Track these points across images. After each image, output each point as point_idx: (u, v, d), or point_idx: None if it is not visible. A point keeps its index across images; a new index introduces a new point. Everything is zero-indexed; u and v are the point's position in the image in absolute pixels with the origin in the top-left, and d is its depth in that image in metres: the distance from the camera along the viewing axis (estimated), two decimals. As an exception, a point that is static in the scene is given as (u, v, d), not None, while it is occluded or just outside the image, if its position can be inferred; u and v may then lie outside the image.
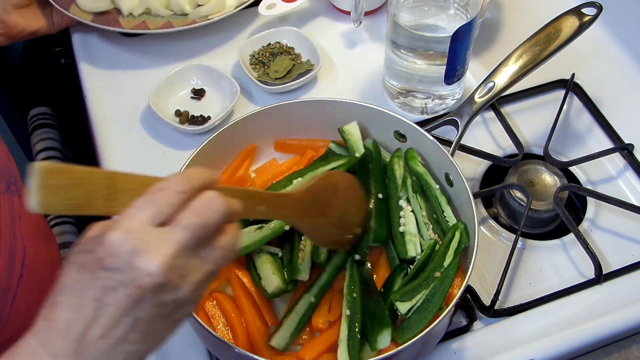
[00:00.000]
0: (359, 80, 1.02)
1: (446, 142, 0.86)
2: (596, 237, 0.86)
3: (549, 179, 0.88)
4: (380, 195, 0.79)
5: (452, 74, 0.90)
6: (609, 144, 0.95)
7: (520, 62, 0.88)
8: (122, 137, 0.96)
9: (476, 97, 0.87)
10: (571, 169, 0.92)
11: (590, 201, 0.88)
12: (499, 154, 0.93)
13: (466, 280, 0.67)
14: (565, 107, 0.97)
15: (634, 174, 0.91)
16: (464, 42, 0.86)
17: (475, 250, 0.70)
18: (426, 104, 0.95)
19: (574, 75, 1.00)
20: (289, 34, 1.04)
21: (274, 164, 0.87)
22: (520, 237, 0.83)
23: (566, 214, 0.83)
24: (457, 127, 0.86)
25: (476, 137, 0.95)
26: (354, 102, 0.83)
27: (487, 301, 0.78)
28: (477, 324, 0.78)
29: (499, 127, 0.95)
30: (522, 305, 0.79)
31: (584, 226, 0.87)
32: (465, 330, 0.77)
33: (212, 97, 1.00)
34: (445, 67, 0.88)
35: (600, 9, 0.90)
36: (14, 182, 0.79)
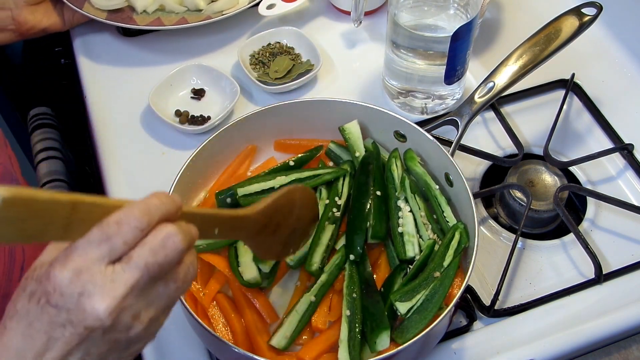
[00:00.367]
0: (359, 80, 1.02)
1: (446, 142, 0.86)
2: (596, 237, 0.86)
3: (549, 179, 0.88)
4: (378, 192, 0.79)
5: (452, 74, 0.90)
6: (609, 144, 0.95)
7: (520, 62, 0.88)
8: (122, 137, 0.96)
9: (476, 97, 0.88)
10: (571, 169, 0.92)
11: (590, 201, 0.88)
12: (499, 154, 0.93)
13: (466, 280, 0.67)
14: (565, 107, 0.97)
15: (634, 174, 0.91)
16: (464, 42, 0.86)
17: (475, 250, 0.70)
18: (426, 104, 0.95)
19: (574, 75, 1.00)
20: (289, 34, 1.04)
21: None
22: (520, 237, 0.83)
23: (566, 214, 0.83)
24: (457, 127, 0.86)
25: (476, 137, 0.95)
26: (354, 102, 0.83)
27: (487, 301, 0.78)
28: (477, 324, 0.78)
29: (499, 127, 0.95)
30: (522, 305, 0.79)
31: (584, 226, 0.87)
32: (465, 330, 0.77)
33: (212, 97, 1.00)
34: (445, 67, 0.88)
35: (600, 9, 0.90)
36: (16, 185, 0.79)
